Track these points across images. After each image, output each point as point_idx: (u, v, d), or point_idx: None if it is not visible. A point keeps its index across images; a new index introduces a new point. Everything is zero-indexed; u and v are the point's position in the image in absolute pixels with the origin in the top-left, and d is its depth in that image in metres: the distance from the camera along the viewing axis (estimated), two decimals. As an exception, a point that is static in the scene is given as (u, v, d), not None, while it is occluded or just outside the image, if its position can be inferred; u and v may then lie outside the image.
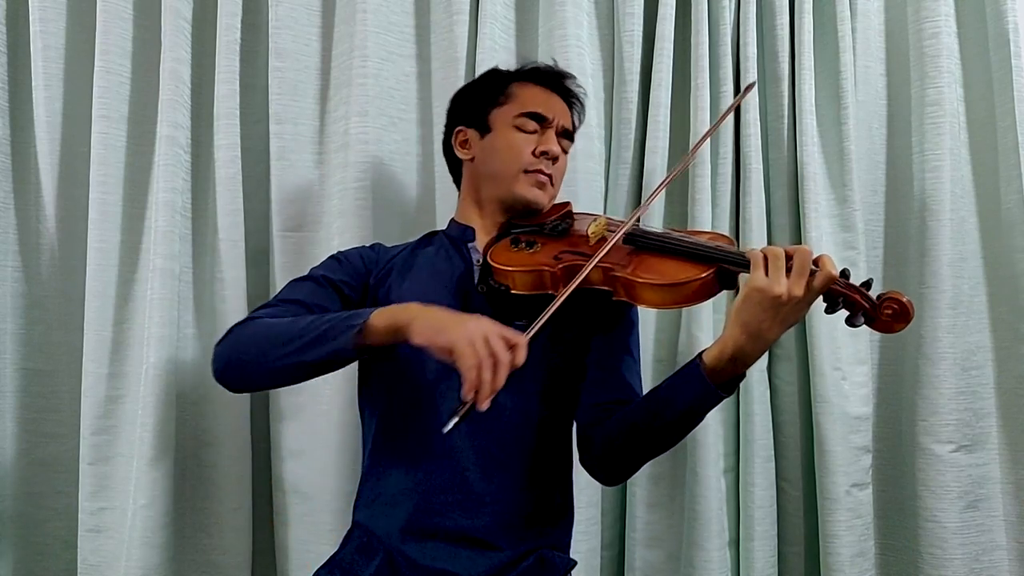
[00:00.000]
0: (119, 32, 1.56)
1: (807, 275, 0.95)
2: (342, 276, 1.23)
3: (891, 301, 0.96)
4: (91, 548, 1.52)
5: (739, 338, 0.98)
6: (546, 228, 1.21)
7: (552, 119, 1.24)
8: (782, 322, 0.97)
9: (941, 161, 1.68)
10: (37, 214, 1.59)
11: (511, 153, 1.22)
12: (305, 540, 1.57)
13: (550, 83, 1.28)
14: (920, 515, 1.67)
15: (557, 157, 1.24)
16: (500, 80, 1.29)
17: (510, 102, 1.25)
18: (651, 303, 1.08)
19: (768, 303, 0.95)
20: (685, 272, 1.04)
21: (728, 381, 1.02)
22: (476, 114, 1.28)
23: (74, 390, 1.55)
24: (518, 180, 1.22)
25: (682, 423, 1.07)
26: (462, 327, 0.93)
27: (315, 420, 1.57)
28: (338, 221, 1.60)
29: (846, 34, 1.71)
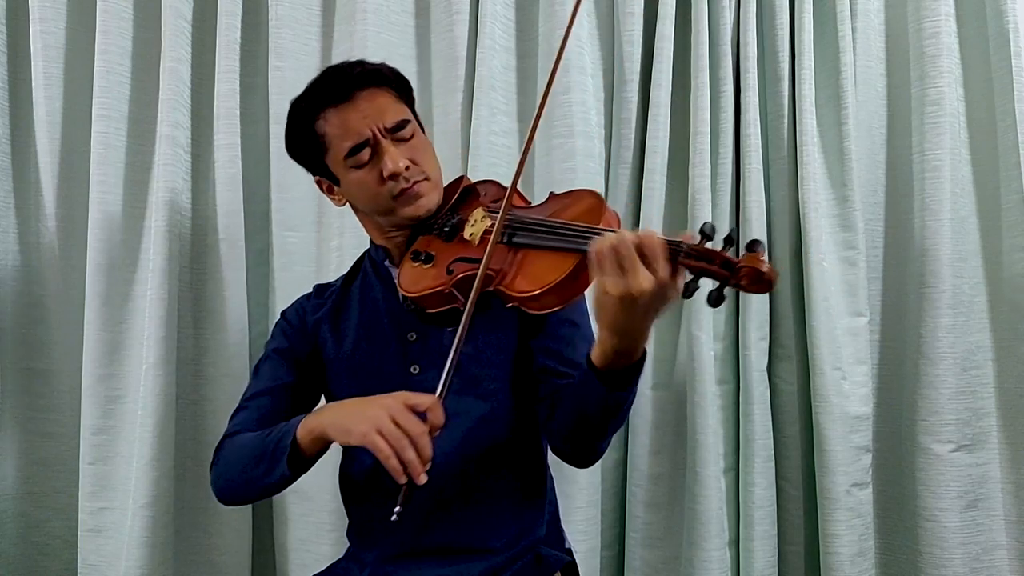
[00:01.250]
0: (119, 32, 1.56)
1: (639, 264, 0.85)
2: (290, 342, 1.25)
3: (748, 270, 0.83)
4: (91, 548, 1.53)
5: (610, 339, 0.91)
6: (435, 230, 1.16)
7: (371, 135, 1.12)
8: (648, 312, 0.87)
9: (941, 161, 1.68)
10: (37, 214, 1.59)
11: (369, 194, 1.15)
12: (304, 540, 1.57)
13: (345, 93, 1.14)
14: (920, 515, 1.66)
15: (407, 166, 1.13)
16: (305, 125, 1.17)
17: (330, 147, 1.15)
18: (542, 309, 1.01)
19: (618, 304, 0.86)
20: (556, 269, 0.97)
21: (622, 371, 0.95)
22: (316, 166, 1.20)
23: (74, 390, 1.56)
24: (395, 208, 1.15)
25: (606, 416, 1.01)
26: (365, 419, 0.93)
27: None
28: (338, 221, 1.60)
29: (846, 34, 1.70)
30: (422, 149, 1.18)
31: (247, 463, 1.08)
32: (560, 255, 0.98)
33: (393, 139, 1.14)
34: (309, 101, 1.17)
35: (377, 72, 1.18)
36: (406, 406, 0.92)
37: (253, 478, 1.07)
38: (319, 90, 1.17)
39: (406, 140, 1.16)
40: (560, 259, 0.98)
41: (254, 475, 1.07)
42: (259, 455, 1.06)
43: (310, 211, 1.64)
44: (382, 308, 1.21)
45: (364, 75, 1.16)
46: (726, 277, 0.85)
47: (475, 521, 1.14)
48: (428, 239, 1.16)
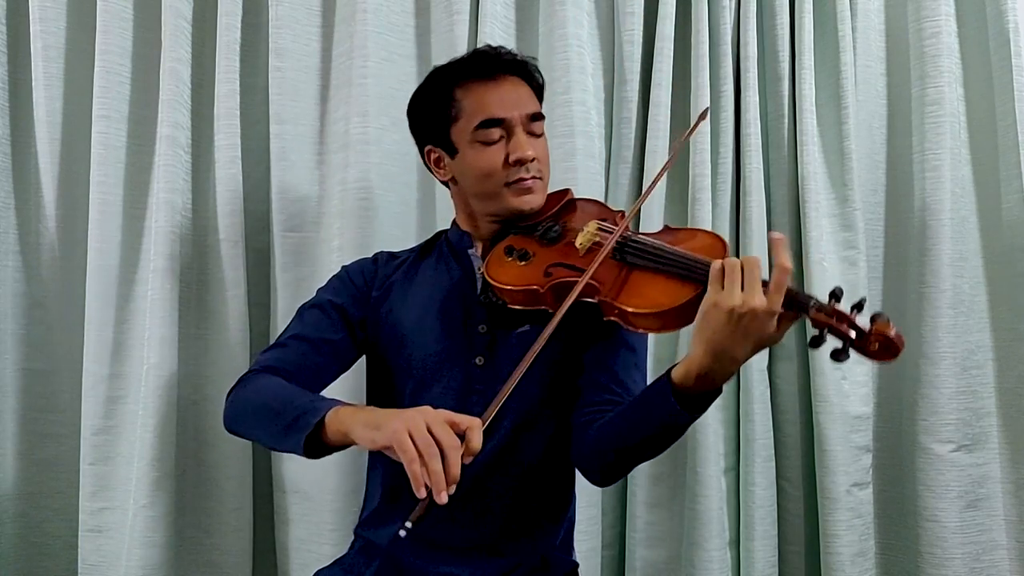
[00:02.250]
0: (119, 32, 1.56)
1: (759, 282, 0.88)
2: (345, 299, 1.22)
3: (878, 335, 0.88)
4: (91, 548, 1.53)
5: (703, 358, 0.91)
6: (539, 232, 1.16)
7: (511, 117, 1.14)
8: (747, 338, 0.89)
9: (941, 160, 1.68)
10: (37, 214, 1.59)
11: (485, 172, 1.14)
12: (305, 540, 1.57)
13: (492, 71, 1.16)
14: (920, 514, 1.67)
15: (533, 158, 1.14)
16: (443, 90, 1.17)
17: (462, 116, 1.15)
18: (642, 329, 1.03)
19: (725, 319, 0.88)
20: (671, 295, 0.99)
21: (700, 396, 0.96)
22: (437, 134, 1.19)
23: (75, 390, 1.55)
24: (503, 195, 1.15)
25: (660, 438, 1.02)
26: (398, 420, 0.87)
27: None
28: (338, 221, 1.60)
29: (846, 34, 1.70)
30: (545, 151, 1.20)
31: (267, 413, 1.06)
32: (678, 283, 1.00)
33: (527, 129, 1.15)
34: (455, 70, 1.18)
35: (525, 64, 1.19)
36: (446, 420, 0.87)
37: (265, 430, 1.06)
38: (468, 62, 1.18)
39: (536, 136, 1.17)
40: (678, 287, 0.99)
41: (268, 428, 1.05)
42: (281, 413, 1.02)
43: (310, 211, 1.64)
44: (455, 293, 1.19)
45: (516, 63, 1.18)
46: (851, 338, 0.89)
47: (495, 526, 1.14)
48: (524, 239, 1.16)
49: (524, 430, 1.14)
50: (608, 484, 1.18)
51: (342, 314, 1.21)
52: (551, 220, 1.18)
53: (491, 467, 1.13)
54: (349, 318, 1.21)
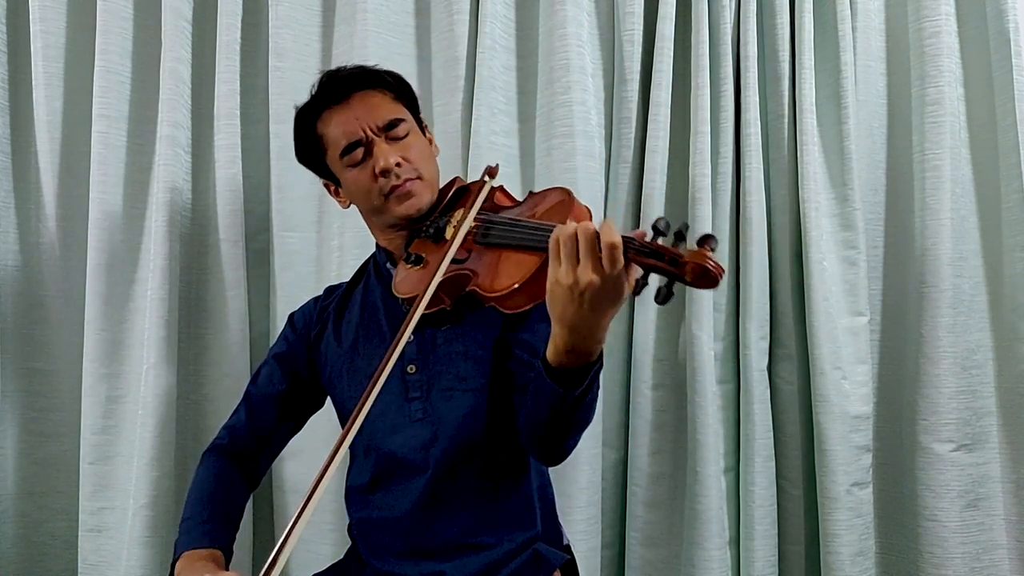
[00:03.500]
0: (119, 32, 1.56)
1: (593, 255, 0.83)
2: (286, 348, 1.30)
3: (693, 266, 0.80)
4: (91, 547, 1.53)
5: (562, 333, 0.89)
6: (427, 232, 1.16)
7: (364, 135, 1.15)
8: (597, 308, 0.86)
9: (941, 160, 1.68)
10: (37, 213, 1.60)
11: (362, 192, 1.18)
12: (305, 540, 1.57)
13: (340, 95, 1.18)
14: (920, 514, 1.67)
15: (398, 163, 1.15)
16: (307, 129, 1.22)
17: (328, 147, 1.19)
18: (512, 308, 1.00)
19: (567, 295, 0.85)
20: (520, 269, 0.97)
21: (581, 370, 0.93)
22: (319, 169, 1.25)
23: (75, 390, 1.56)
24: (387, 207, 1.17)
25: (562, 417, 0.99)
26: None
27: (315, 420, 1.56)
28: (338, 221, 1.60)
29: (846, 33, 1.70)
30: (417, 149, 1.19)
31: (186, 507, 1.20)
32: (526, 254, 0.98)
33: (386, 138, 1.17)
34: (310, 105, 1.22)
35: (372, 74, 1.21)
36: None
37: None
38: (319, 94, 1.21)
39: (399, 139, 1.18)
40: (526, 257, 0.98)
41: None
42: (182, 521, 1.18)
43: (310, 211, 1.64)
44: (381, 310, 1.22)
45: (358, 77, 1.20)
46: (673, 273, 0.82)
47: (465, 517, 1.14)
48: (420, 242, 1.17)
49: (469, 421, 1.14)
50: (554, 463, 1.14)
51: (287, 363, 1.28)
52: (439, 216, 1.18)
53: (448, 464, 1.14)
54: (295, 366, 1.28)
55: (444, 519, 1.14)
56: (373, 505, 1.19)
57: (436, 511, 1.14)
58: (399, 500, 1.16)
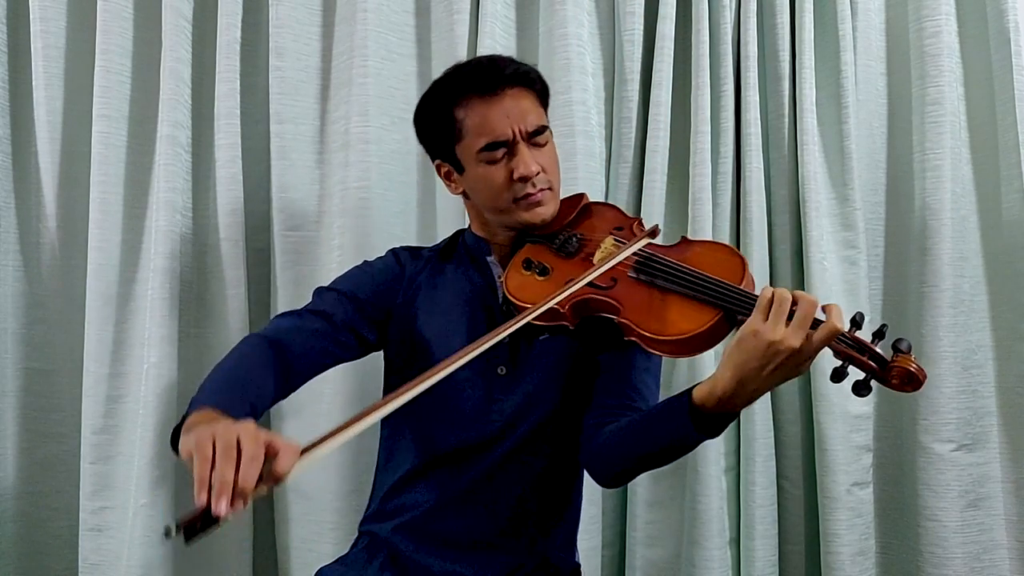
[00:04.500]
0: (119, 31, 1.56)
1: (808, 326, 0.88)
2: (367, 294, 1.19)
3: (900, 370, 0.89)
4: (92, 547, 1.53)
5: (729, 382, 0.91)
6: (556, 244, 1.16)
7: (512, 135, 1.12)
8: (777, 373, 0.89)
9: (942, 160, 1.68)
10: (38, 213, 1.60)
11: (492, 190, 1.14)
12: (306, 539, 1.57)
13: (492, 86, 1.13)
14: (921, 514, 1.67)
15: (538, 172, 1.14)
16: (443, 108, 1.16)
17: (465, 136, 1.14)
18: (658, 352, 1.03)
19: (762, 350, 0.88)
20: (691, 320, 0.98)
21: (717, 417, 0.95)
22: (443, 151, 1.19)
23: (75, 389, 1.56)
24: (513, 210, 1.15)
25: (671, 452, 1.03)
26: (208, 428, 0.77)
27: (315, 420, 1.57)
28: (339, 221, 1.60)
29: (846, 33, 1.70)
30: (552, 158, 1.18)
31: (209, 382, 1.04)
32: (698, 306, 0.99)
33: (530, 143, 1.14)
34: (454, 85, 1.16)
35: (526, 73, 1.17)
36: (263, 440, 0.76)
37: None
38: (467, 77, 1.15)
39: (541, 146, 1.16)
40: (698, 311, 0.99)
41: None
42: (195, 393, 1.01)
43: (311, 211, 1.64)
44: (478, 300, 1.19)
45: (516, 74, 1.15)
46: (874, 371, 0.90)
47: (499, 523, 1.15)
48: (541, 250, 1.16)
49: (538, 433, 1.15)
50: (614, 487, 1.20)
51: (359, 308, 1.18)
52: (567, 229, 1.18)
53: (501, 466, 1.14)
54: (367, 314, 1.19)
55: (477, 515, 1.14)
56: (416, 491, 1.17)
57: (474, 505, 1.14)
58: (442, 487, 1.15)
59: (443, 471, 1.16)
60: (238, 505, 0.72)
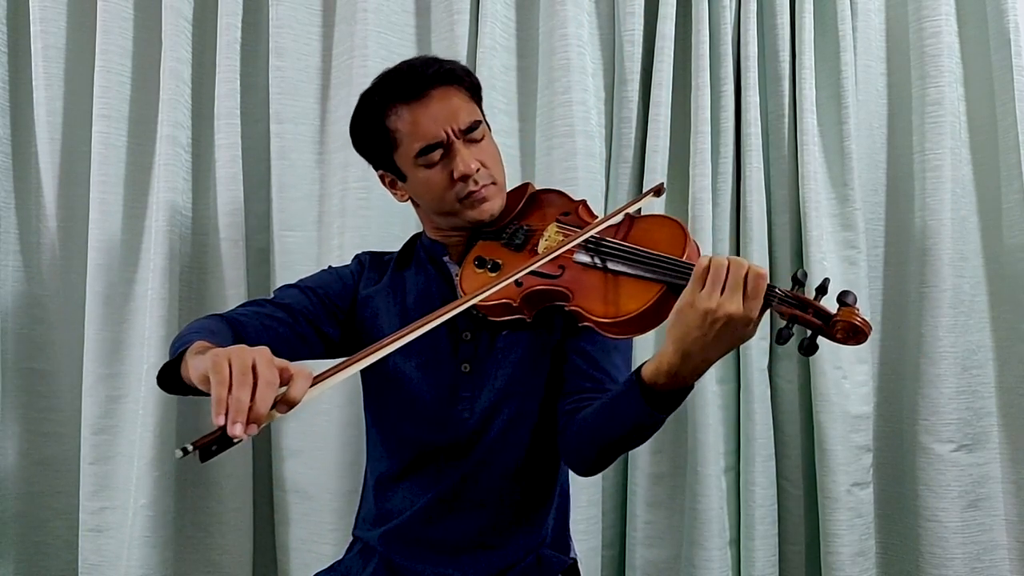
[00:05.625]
0: (120, 32, 1.56)
1: (740, 289, 0.87)
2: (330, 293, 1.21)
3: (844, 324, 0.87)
4: (92, 547, 1.53)
5: (673, 356, 0.90)
6: (504, 237, 1.16)
7: (446, 136, 1.11)
8: (719, 341, 0.88)
9: (942, 160, 1.68)
10: (38, 213, 1.60)
11: (435, 194, 1.14)
12: (306, 539, 1.57)
13: (418, 90, 1.12)
14: (921, 514, 1.66)
15: (478, 169, 1.12)
16: (375, 118, 1.15)
17: (400, 144, 1.13)
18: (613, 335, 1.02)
19: (699, 319, 0.87)
20: (634, 299, 0.98)
21: (671, 394, 0.95)
22: (381, 160, 1.19)
23: (75, 389, 1.56)
24: (460, 210, 1.15)
25: (634, 434, 1.01)
26: (223, 351, 0.80)
27: (315, 419, 1.58)
28: (339, 221, 1.60)
29: (847, 33, 1.70)
30: (491, 152, 1.17)
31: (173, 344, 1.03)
32: (644, 284, 0.99)
33: (465, 140, 1.13)
34: (381, 95, 1.15)
35: (451, 71, 1.16)
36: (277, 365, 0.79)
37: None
38: (392, 85, 1.14)
39: (477, 142, 1.15)
40: (643, 288, 0.99)
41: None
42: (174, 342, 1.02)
43: (311, 211, 1.64)
44: (437, 302, 1.18)
45: (439, 74, 1.14)
46: (819, 327, 0.89)
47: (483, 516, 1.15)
48: (492, 246, 1.16)
49: (514, 427, 1.15)
50: (589, 475, 1.17)
51: (322, 303, 1.19)
52: (515, 221, 1.18)
53: (481, 465, 1.14)
54: (329, 311, 1.19)
55: (463, 515, 1.14)
56: (399, 495, 1.18)
57: (458, 506, 1.14)
58: (425, 490, 1.15)
59: (423, 473, 1.16)
60: (252, 429, 0.75)
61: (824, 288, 0.91)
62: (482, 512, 1.15)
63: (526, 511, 1.18)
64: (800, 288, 0.91)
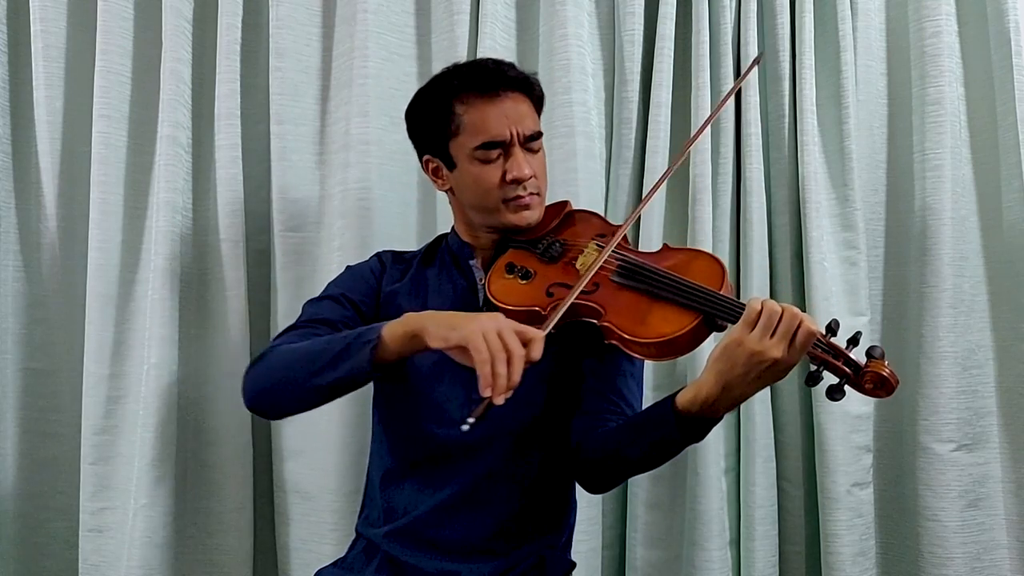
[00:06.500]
0: (120, 32, 1.56)
1: (790, 338, 0.93)
2: (358, 295, 1.22)
3: (873, 375, 0.95)
4: (92, 548, 1.53)
5: (712, 388, 0.95)
6: (539, 248, 1.17)
7: (510, 137, 1.13)
8: (759, 380, 0.94)
9: (942, 160, 1.68)
10: (38, 214, 1.60)
11: (483, 189, 1.15)
12: (306, 540, 1.57)
13: (494, 87, 1.14)
14: (921, 514, 1.67)
15: (531, 176, 1.15)
16: (443, 102, 1.16)
17: (461, 132, 1.14)
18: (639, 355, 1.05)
19: (745, 359, 0.92)
20: (669, 324, 1.01)
21: (701, 422, 0.99)
22: (436, 145, 1.19)
23: (75, 390, 1.55)
24: (500, 211, 1.16)
25: (657, 457, 1.06)
26: (475, 323, 0.92)
27: (316, 419, 1.57)
28: (339, 221, 1.60)
29: (847, 33, 1.70)
30: (543, 166, 1.20)
31: (308, 357, 1.04)
32: (678, 311, 1.02)
33: (524, 147, 1.15)
34: (456, 81, 1.16)
35: (527, 80, 1.18)
36: (514, 330, 0.92)
37: (308, 371, 1.03)
38: (470, 74, 1.16)
39: (534, 152, 1.17)
40: (678, 315, 1.02)
41: (311, 368, 1.03)
42: (321, 352, 1.03)
43: (311, 211, 1.64)
44: (460, 303, 1.19)
45: (519, 79, 1.17)
46: (848, 376, 0.96)
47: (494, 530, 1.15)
48: (524, 255, 1.17)
49: (525, 441, 1.15)
50: (601, 492, 1.21)
51: (355, 307, 1.20)
52: (551, 235, 1.19)
53: (491, 473, 1.14)
54: (362, 312, 1.20)
55: (470, 519, 1.14)
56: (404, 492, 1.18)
57: (466, 510, 1.14)
58: (432, 491, 1.15)
59: (431, 472, 1.16)
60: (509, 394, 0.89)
61: (856, 340, 0.98)
62: (489, 518, 1.15)
63: (534, 524, 1.18)
64: (832, 336, 0.97)
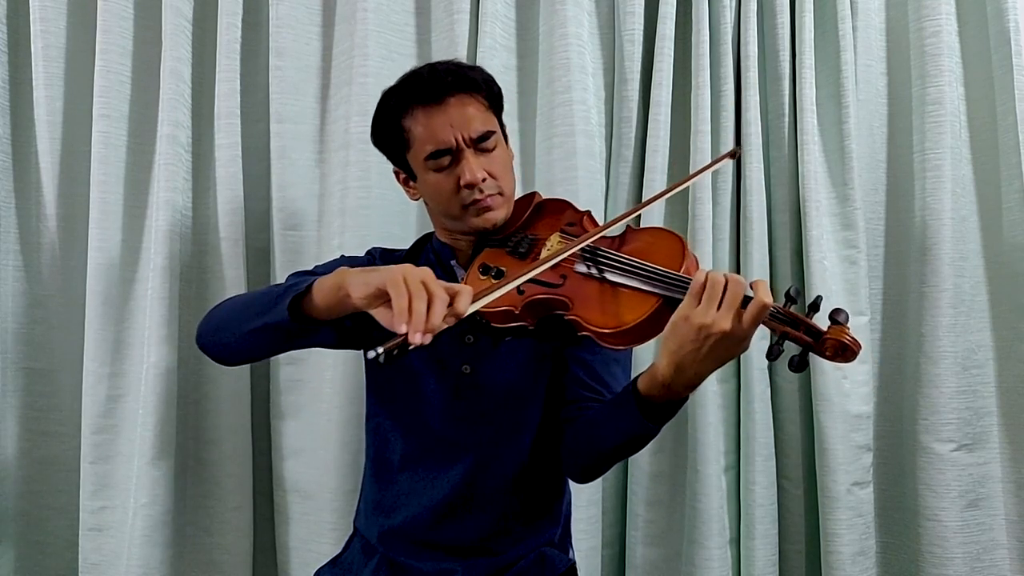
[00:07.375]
0: (120, 31, 1.56)
1: (736, 306, 0.88)
2: None
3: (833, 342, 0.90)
4: (92, 547, 1.53)
5: (666, 368, 0.93)
6: (509, 246, 1.16)
7: (456, 143, 1.12)
8: (712, 356, 0.90)
9: (942, 160, 1.68)
10: (38, 213, 1.60)
11: (442, 197, 1.15)
12: (306, 539, 1.57)
13: (436, 95, 1.13)
14: (921, 514, 1.67)
15: (484, 179, 1.13)
16: (391, 118, 1.16)
17: (413, 145, 1.15)
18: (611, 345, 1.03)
19: (694, 334, 0.89)
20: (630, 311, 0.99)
21: (666, 405, 0.97)
22: (396, 159, 1.21)
23: (75, 389, 1.56)
24: (464, 216, 1.15)
25: (630, 444, 1.04)
26: (399, 268, 0.88)
27: (315, 419, 1.58)
28: (338, 220, 1.60)
29: (847, 33, 1.70)
30: (501, 163, 1.17)
31: (240, 307, 1.08)
32: (641, 296, 1.00)
33: (475, 149, 1.14)
34: (400, 95, 1.16)
35: (471, 78, 1.16)
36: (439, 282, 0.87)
37: (245, 316, 1.05)
38: (412, 86, 1.15)
39: (488, 151, 1.15)
40: (639, 300, 1.00)
41: (248, 314, 1.04)
42: (258, 298, 1.05)
43: (311, 210, 1.64)
44: None
45: (458, 81, 1.15)
46: (810, 344, 0.91)
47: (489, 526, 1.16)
48: (498, 253, 1.17)
49: (513, 429, 1.16)
50: (585, 482, 1.20)
51: None
52: (520, 231, 1.19)
53: (482, 468, 1.15)
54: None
55: (465, 519, 1.15)
56: (397, 483, 1.18)
57: (461, 510, 1.15)
58: (427, 491, 1.16)
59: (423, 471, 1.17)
60: (427, 338, 0.82)
61: (816, 305, 0.93)
62: (484, 518, 1.15)
63: (530, 517, 1.18)
64: (793, 305, 0.93)
